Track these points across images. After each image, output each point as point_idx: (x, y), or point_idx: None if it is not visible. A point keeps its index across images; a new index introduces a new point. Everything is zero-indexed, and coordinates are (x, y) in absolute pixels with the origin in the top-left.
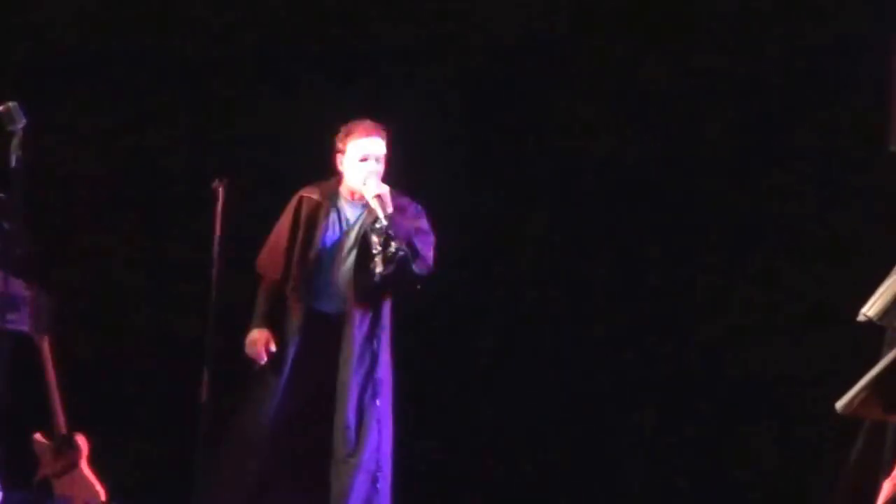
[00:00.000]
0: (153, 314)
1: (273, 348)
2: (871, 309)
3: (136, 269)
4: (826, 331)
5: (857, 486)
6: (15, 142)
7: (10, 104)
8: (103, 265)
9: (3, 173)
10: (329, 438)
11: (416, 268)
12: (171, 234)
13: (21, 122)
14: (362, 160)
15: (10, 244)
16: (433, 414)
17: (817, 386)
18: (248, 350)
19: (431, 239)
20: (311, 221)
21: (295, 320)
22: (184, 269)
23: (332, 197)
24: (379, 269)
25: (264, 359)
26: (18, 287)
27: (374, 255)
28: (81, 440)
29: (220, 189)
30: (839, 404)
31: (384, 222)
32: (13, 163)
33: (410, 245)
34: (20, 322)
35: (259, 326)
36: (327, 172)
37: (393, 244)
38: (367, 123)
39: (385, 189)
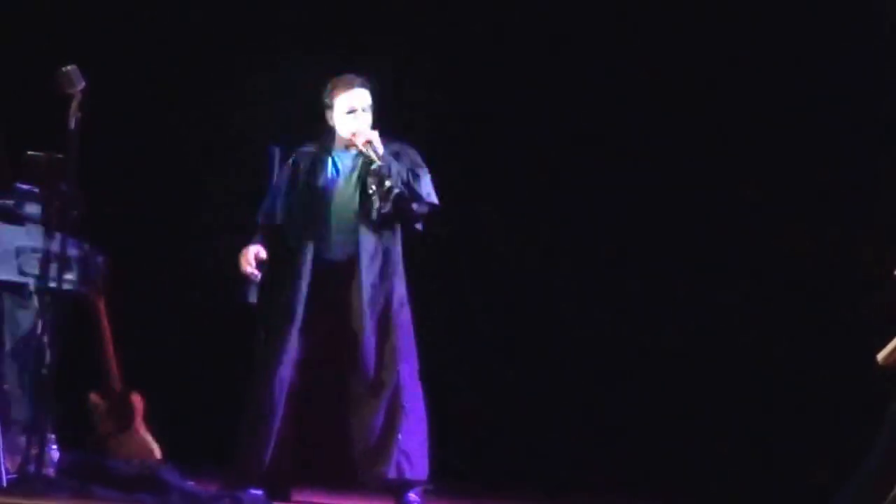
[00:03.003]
0: (207, 274)
1: (263, 256)
2: None
3: (190, 229)
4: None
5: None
6: (73, 104)
7: (69, 67)
8: (158, 225)
9: (61, 135)
10: (348, 383)
11: (415, 206)
12: (224, 196)
13: (80, 85)
14: (350, 112)
15: (66, 205)
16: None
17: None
18: (241, 266)
19: (428, 176)
20: (310, 174)
21: (303, 271)
22: (237, 230)
23: (328, 148)
24: (376, 206)
25: (253, 267)
26: (74, 248)
27: (371, 195)
28: (137, 399)
29: (276, 149)
30: (880, 356)
31: (378, 163)
32: (71, 125)
33: (407, 184)
34: (77, 282)
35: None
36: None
37: (387, 182)
38: (351, 76)
39: (374, 134)
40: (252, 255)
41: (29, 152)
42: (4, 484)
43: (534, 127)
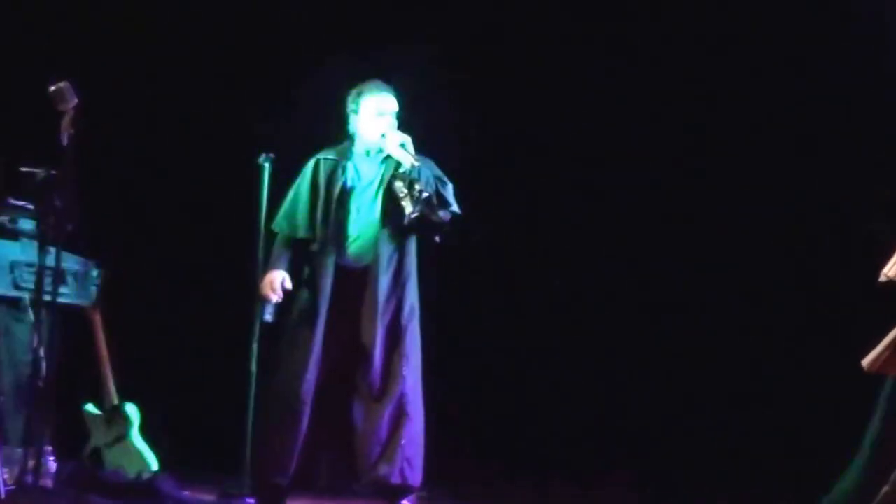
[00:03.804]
0: (201, 285)
1: (288, 285)
2: (892, 269)
3: (183, 241)
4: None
5: (882, 441)
6: (66, 120)
7: (62, 84)
8: (152, 239)
9: (55, 150)
10: (356, 388)
11: (441, 213)
12: (218, 208)
13: (73, 102)
14: (379, 115)
15: (61, 220)
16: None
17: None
18: (264, 290)
19: (451, 186)
20: (330, 180)
21: (324, 276)
22: (231, 241)
23: (348, 156)
24: (408, 210)
25: (280, 295)
26: (69, 261)
27: (400, 199)
28: (132, 410)
29: (266, 164)
30: (865, 362)
31: (408, 167)
32: (65, 140)
33: (435, 190)
34: (72, 295)
35: (275, 269)
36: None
37: (417, 186)
38: (378, 82)
39: (408, 137)
40: (279, 284)
41: (23, 168)
42: (3, 495)
43: (537, 136)
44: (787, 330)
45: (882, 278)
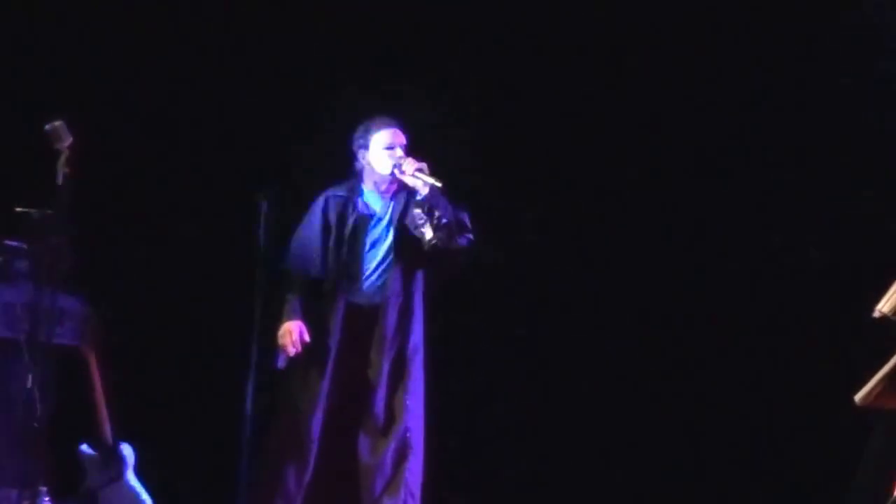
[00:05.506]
0: (198, 325)
1: (307, 338)
2: (885, 305)
3: (181, 280)
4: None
5: (875, 475)
6: (61, 159)
7: (57, 123)
8: (148, 278)
9: (49, 190)
10: (361, 423)
11: (461, 239)
12: (216, 247)
13: (67, 141)
14: (388, 148)
15: (56, 259)
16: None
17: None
18: (282, 340)
19: (467, 214)
20: (341, 218)
21: (335, 315)
22: (228, 280)
23: (358, 192)
24: (428, 236)
25: (298, 348)
26: (64, 302)
27: (420, 226)
28: (128, 451)
29: (265, 202)
30: (858, 396)
31: (425, 193)
32: (59, 180)
33: (455, 216)
34: (67, 336)
35: (292, 319)
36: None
37: (436, 212)
38: (386, 117)
39: (423, 164)
40: (297, 336)
41: (18, 208)
42: None
43: (534, 164)
44: (778, 366)
45: (876, 314)
